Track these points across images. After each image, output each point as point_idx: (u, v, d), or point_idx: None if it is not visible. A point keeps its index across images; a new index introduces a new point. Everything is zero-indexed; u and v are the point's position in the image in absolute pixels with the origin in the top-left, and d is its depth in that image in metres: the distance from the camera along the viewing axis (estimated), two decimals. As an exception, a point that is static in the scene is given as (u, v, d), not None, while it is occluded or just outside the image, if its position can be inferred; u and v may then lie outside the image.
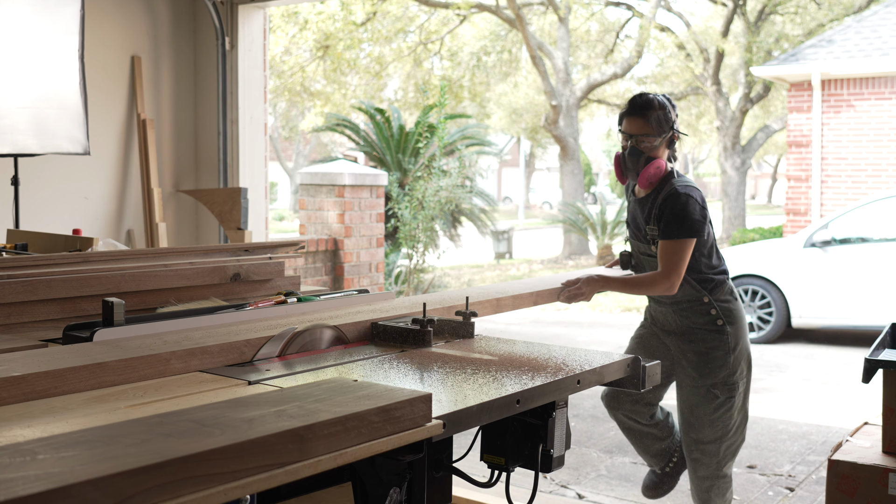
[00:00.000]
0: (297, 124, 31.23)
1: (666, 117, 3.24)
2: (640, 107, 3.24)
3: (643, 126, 3.22)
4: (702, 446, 3.34)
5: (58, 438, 1.36)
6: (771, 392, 6.96)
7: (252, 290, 2.98)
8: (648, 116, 3.22)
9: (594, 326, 10.69)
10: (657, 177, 3.22)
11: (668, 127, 3.25)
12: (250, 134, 6.28)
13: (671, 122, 3.26)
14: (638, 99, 3.28)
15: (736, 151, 20.00)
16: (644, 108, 3.23)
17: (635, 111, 3.25)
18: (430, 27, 20.87)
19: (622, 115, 3.32)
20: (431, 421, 1.63)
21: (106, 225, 5.78)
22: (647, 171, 3.21)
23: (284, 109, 29.16)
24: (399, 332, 2.40)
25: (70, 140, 4.60)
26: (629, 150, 3.26)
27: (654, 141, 3.22)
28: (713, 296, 3.29)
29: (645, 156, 3.23)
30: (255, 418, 1.46)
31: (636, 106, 3.25)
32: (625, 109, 3.31)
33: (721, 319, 3.30)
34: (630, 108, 3.28)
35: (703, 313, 3.30)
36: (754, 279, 9.32)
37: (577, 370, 2.11)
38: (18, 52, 4.52)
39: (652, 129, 3.22)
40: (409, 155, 11.30)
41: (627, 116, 3.28)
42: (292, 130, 32.81)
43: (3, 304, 2.37)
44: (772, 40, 19.57)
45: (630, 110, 3.27)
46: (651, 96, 3.27)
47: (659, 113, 3.22)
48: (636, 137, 3.23)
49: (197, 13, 6.27)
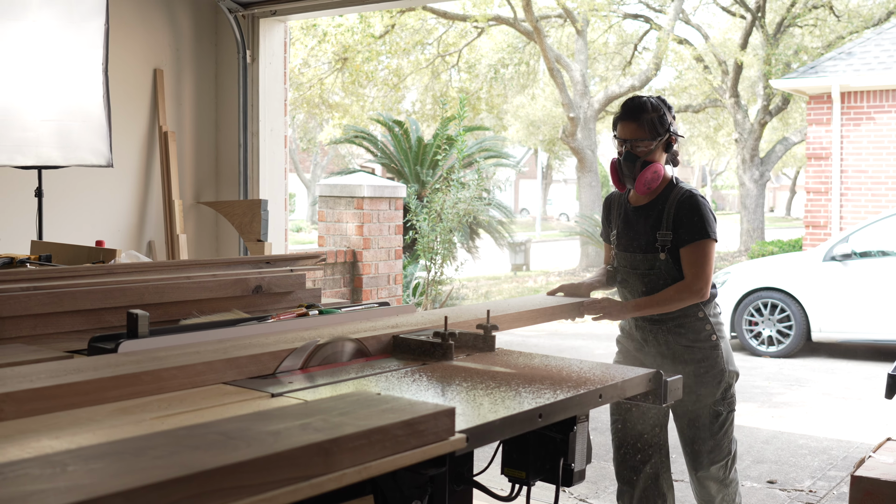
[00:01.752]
0: (314, 136, 31.37)
1: (660, 120, 3.12)
2: (632, 110, 3.13)
3: (636, 130, 3.11)
4: (712, 467, 3.22)
5: (87, 450, 1.38)
6: (791, 407, 6.91)
7: (273, 303, 3.00)
8: (641, 120, 3.10)
9: (612, 339, 10.64)
10: (656, 181, 3.10)
11: (663, 130, 3.13)
12: (270, 146, 6.33)
13: (666, 124, 3.14)
14: (630, 102, 3.17)
15: (754, 164, 19.92)
16: (637, 111, 3.12)
17: (628, 115, 3.13)
18: (447, 39, 20.93)
19: (615, 119, 3.20)
20: (455, 435, 1.63)
21: (127, 236, 5.82)
22: (643, 175, 3.08)
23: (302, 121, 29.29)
24: (421, 345, 2.40)
25: (93, 152, 4.65)
26: (624, 156, 3.13)
27: (649, 145, 3.11)
28: (707, 310, 3.17)
29: (641, 160, 3.10)
30: (280, 431, 1.47)
31: (628, 110, 3.14)
32: (618, 114, 3.20)
33: (715, 335, 3.18)
34: (623, 112, 3.16)
35: (698, 329, 3.16)
36: (774, 292, 9.27)
37: (599, 384, 2.11)
38: (44, 66, 4.58)
39: (646, 132, 3.10)
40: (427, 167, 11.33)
41: (621, 121, 3.16)
42: (310, 142, 32.95)
43: (30, 316, 2.39)
44: (791, 53, 19.51)
45: (623, 114, 3.15)
46: (644, 99, 3.16)
47: (652, 116, 3.11)
48: (630, 142, 3.12)
49: (218, 27, 6.33)
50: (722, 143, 29.08)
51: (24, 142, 4.55)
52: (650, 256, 3.14)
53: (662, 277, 3.12)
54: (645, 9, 21.48)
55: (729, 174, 45.80)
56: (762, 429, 6.16)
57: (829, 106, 12.74)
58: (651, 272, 3.15)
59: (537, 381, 2.12)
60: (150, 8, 5.93)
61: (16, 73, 4.53)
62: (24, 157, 4.58)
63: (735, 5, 20.86)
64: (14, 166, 4.67)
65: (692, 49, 20.57)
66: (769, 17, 19.80)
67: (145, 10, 5.90)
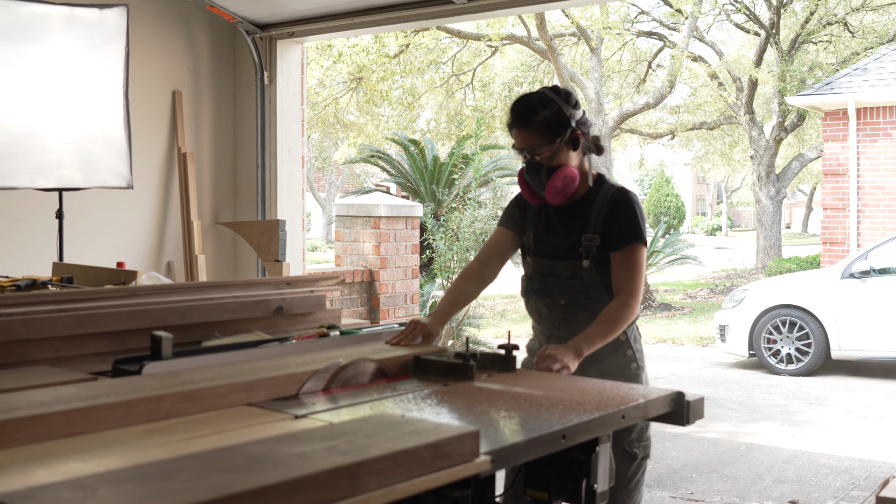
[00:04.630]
0: (329, 155, 31.50)
1: (556, 116, 2.68)
2: (520, 115, 2.71)
3: (529, 136, 2.69)
4: None
5: (116, 473, 1.39)
6: (811, 425, 6.86)
7: (294, 324, 3.01)
8: (533, 124, 2.68)
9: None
10: (570, 186, 2.70)
11: (562, 127, 2.69)
12: (288, 166, 6.36)
13: (565, 119, 2.69)
14: (517, 106, 2.74)
15: (770, 180, 19.86)
16: (524, 114, 2.70)
17: (517, 121, 2.72)
18: (462, 58, 21.01)
19: (508, 126, 2.77)
20: (480, 457, 1.63)
21: (146, 257, 5.86)
22: (552, 184, 2.68)
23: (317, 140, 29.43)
24: (442, 365, 2.41)
25: (114, 174, 4.70)
26: (526, 167, 2.74)
27: (549, 149, 2.69)
28: (629, 332, 2.77)
29: (545, 167, 2.70)
30: (306, 454, 1.47)
31: (517, 115, 2.72)
32: (508, 121, 2.76)
33: (636, 363, 2.77)
34: (511, 117, 2.74)
35: (620, 355, 2.75)
36: (792, 310, 9.22)
37: (622, 405, 2.10)
38: (65, 89, 4.63)
39: (542, 136, 2.68)
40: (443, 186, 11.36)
41: (512, 128, 2.74)
42: (325, 161, 33.10)
43: (55, 338, 2.41)
44: (805, 69, 19.48)
45: (512, 121, 2.74)
46: (533, 97, 2.73)
47: (545, 115, 2.68)
48: (528, 150, 2.71)
49: (236, 48, 6.39)
50: (737, 159, 29.01)
51: (46, 164, 4.60)
52: (572, 263, 2.76)
53: (585, 286, 2.74)
54: (659, 27, 21.53)
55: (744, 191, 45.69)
56: (782, 448, 6.11)
57: (844, 122, 12.71)
58: (573, 280, 2.76)
59: (559, 402, 2.11)
60: (170, 31, 6.00)
61: (38, 97, 4.59)
62: (46, 180, 4.63)
63: (749, 22, 20.87)
64: (36, 188, 4.72)
65: (706, 66, 20.57)
66: (783, 34, 19.79)
67: (164, 33, 5.97)
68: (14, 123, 4.50)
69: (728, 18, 21.81)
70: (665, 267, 15.61)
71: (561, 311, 2.80)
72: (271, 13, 6.07)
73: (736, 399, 7.89)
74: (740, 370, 9.53)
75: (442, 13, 5.60)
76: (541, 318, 2.88)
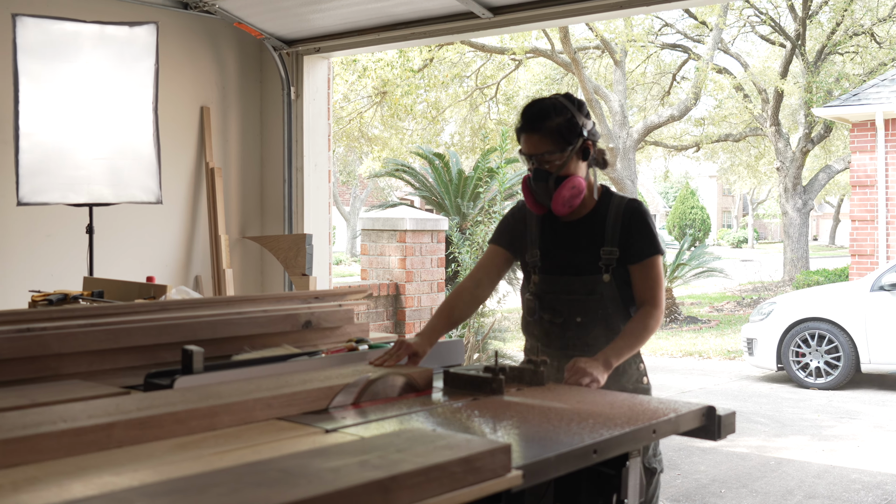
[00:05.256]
0: (354, 169, 31.63)
1: (569, 125, 2.63)
2: (532, 119, 2.65)
3: (541, 142, 2.64)
4: None
5: (151, 487, 1.40)
6: (842, 440, 6.78)
7: (322, 338, 3.02)
8: (545, 129, 2.63)
9: (654, 371, 10.55)
10: (577, 197, 2.65)
11: (574, 136, 2.64)
12: (314, 181, 6.40)
13: (577, 128, 2.65)
14: (529, 110, 2.68)
15: (797, 192, 19.71)
16: (538, 119, 2.64)
17: (529, 126, 2.65)
18: (485, 72, 21.07)
19: (517, 131, 2.71)
20: (511, 471, 1.63)
21: (175, 271, 5.91)
22: (560, 194, 2.62)
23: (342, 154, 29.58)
24: (471, 379, 2.40)
25: (143, 190, 4.74)
26: (534, 174, 2.67)
27: (560, 157, 2.64)
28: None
29: (554, 176, 2.64)
30: (339, 468, 1.48)
31: (528, 119, 2.66)
32: (518, 124, 2.70)
33: (646, 377, 2.76)
34: (523, 122, 2.68)
35: (628, 369, 2.71)
36: (821, 323, 9.13)
37: (653, 419, 2.09)
38: (96, 106, 4.70)
39: (553, 143, 2.63)
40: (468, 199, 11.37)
41: (523, 133, 2.68)
42: (349, 175, 33.24)
43: (88, 353, 2.44)
44: (832, 80, 19.35)
45: (523, 125, 2.67)
46: (547, 102, 2.68)
47: (558, 122, 2.63)
48: (537, 157, 2.65)
49: (263, 64, 6.44)
50: (763, 171, 28.83)
51: (77, 180, 4.66)
52: (591, 279, 2.68)
53: (604, 301, 2.68)
54: (683, 39, 21.48)
55: (770, 203, 45.37)
56: (813, 463, 6.04)
57: (872, 133, 12.60)
58: (591, 296, 2.69)
59: (590, 416, 2.10)
60: (198, 48, 6.06)
61: (69, 114, 4.65)
62: (77, 195, 4.69)
63: (774, 34, 20.78)
64: (67, 204, 4.77)
65: (732, 78, 20.49)
66: (809, 45, 19.67)
67: (193, 49, 6.03)
68: (46, 140, 4.57)
69: (753, 30, 21.73)
70: (691, 280, 15.51)
71: (577, 330, 2.71)
72: (298, 29, 6.12)
73: (764, 413, 7.82)
74: (768, 384, 9.44)
75: (467, 28, 5.63)
76: (549, 339, 2.76)
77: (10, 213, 5.07)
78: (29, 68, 4.49)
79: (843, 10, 18.53)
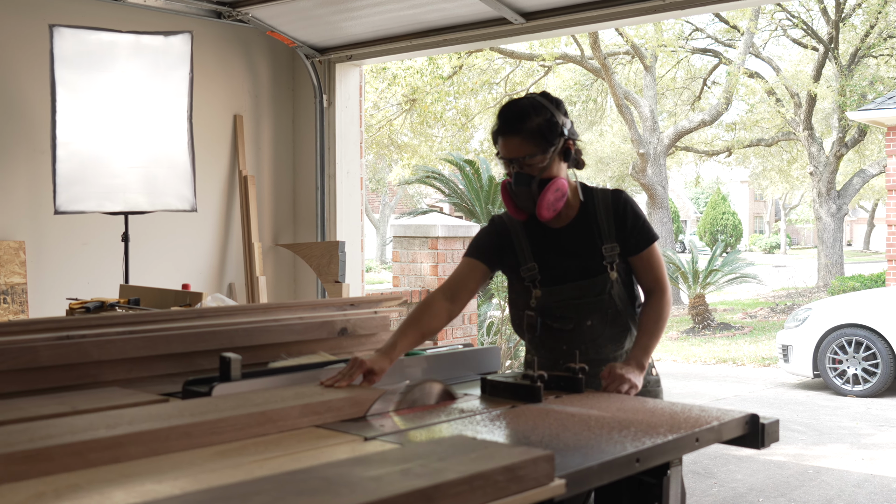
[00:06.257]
0: (383, 176, 31.72)
1: (550, 124, 2.53)
2: (511, 120, 2.54)
3: (522, 145, 2.52)
4: None
5: (195, 495, 1.39)
6: (881, 448, 6.66)
7: (358, 345, 3.01)
8: (525, 131, 2.52)
9: (688, 378, 10.45)
10: (561, 200, 2.56)
11: (555, 136, 2.54)
12: (347, 188, 6.41)
13: (558, 127, 2.54)
14: (508, 111, 2.56)
15: (831, 197, 19.47)
16: (517, 120, 2.53)
17: (508, 128, 2.54)
18: (515, 79, 21.05)
19: (494, 133, 2.59)
20: (554, 480, 1.61)
21: (209, 278, 5.94)
22: (544, 198, 2.52)
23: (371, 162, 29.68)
24: (509, 387, 2.38)
25: (178, 198, 4.77)
26: (515, 178, 2.56)
27: (542, 160, 2.53)
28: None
29: (537, 179, 2.54)
30: (381, 477, 1.46)
31: (507, 120, 2.54)
32: (495, 127, 2.58)
33: (654, 368, 2.71)
34: (501, 124, 2.55)
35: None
36: (858, 329, 8.99)
37: (696, 427, 2.06)
38: (132, 115, 4.74)
39: (535, 145, 2.52)
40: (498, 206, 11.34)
41: (501, 136, 2.56)
42: (379, 182, 33.33)
43: (126, 360, 2.45)
44: (866, 83, 19.10)
45: (502, 128, 2.55)
46: (524, 102, 2.56)
47: (538, 122, 2.52)
48: (519, 161, 2.54)
49: (296, 72, 6.47)
50: (796, 176, 28.49)
51: (113, 188, 4.70)
52: (600, 279, 2.61)
53: (614, 299, 2.63)
54: (714, 43, 21.32)
55: (803, 208, 44.85)
56: (852, 472, 5.94)
57: (909, 137, 12.41)
58: (601, 297, 2.62)
59: (631, 424, 2.08)
60: (231, 56, 6.10)
61: (105, 123, 4.70)
62: (113, 204, 4.73)
63: (807, 37, 20.57)
64: (103, 212, 4.82)
65: (763, 82, 20.29)
66: (842, 48, 19.45)
67: (226, 58, 6.07)
68: (83, 149, 4.61)
69: (785, 34, 21.53)
70: (724, 286, 15.35)
71: (589, 333, 2.64)
72: (330, 37, 6.14)
73: (801, 421, 7.71)
74: (804, 391, 9.31)
75: (499, 34, 5.61)
76: (561, 352, 2.66)
77: (47, 221, 5.13)
78: (66, 78, 4.53)
79: (878, 12, 18.30)
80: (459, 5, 5.35)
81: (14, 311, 4.86)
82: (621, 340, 2.68)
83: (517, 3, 5.27)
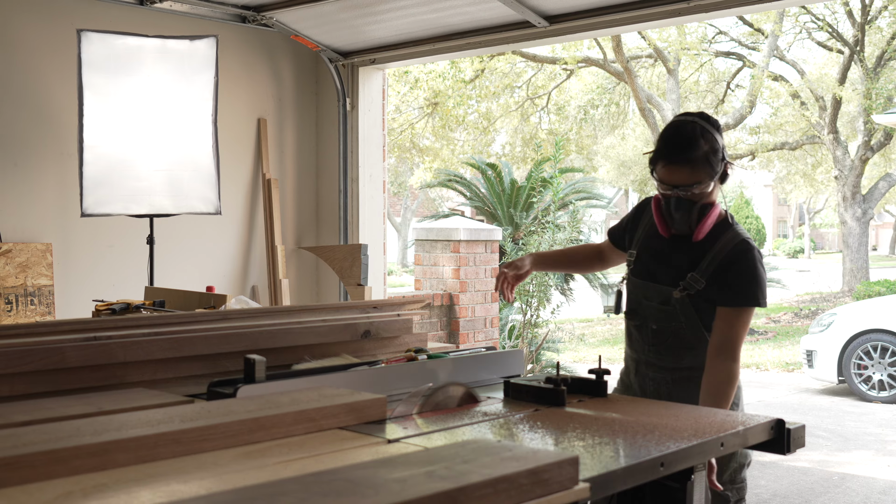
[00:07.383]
0: (405, 180, 31.78)
1: (714, 150, 2.52)
2: (681, 149, 2.51)
3: (691, 175, 2.51)
4: None
5: (220, 496, 1.40)
6: (908, 455, 6.60)
7: (381, 347, 3.02)
8: (695, 160, 2.50)
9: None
10: (712, 225, 2.62)
11: (719, 160, 2.54)
12: (369, 191, 6.43)
13: (721, 151, 2.54)
14: (677, 137, 2.53)
15: (856, 201, 19.30)
16: (687, 150, 2.50)
17: (676, 157, 2.52)
18: (537, 82, 21.03)
19: (654, 158, 2.57)
20: (579, 484, 1.61)
21: (232, 281, 5.98)
22: (704, 223, 2.57)
23: (392, 165, 29.75)
24: (533, 390, 2.38)
25: (203, 201, 4.81)
26: (675, 203, 2.56)
27: (707, 187, 2.54)
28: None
29: (698, 205, 2.56)
30: (406, 479, 1.46)
31: (677, 149, 2.52)
32: (660, 151, 2.56)
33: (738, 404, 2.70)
34: (669, 152, 2.54)
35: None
36: (883, 334, 8.91)
37: (720, 432, 2.05)
38: (158, 118, 4.78)
39: (702, 174, 2.51)
40: (520, 209, 11.34)
41: (668, 164, 2.53)
42: (400, 186, 33.39)
43: (152, 361, 2.47)
44: (892, 86, 18.92)
45: (669, 155, 2.53)
46: (692, 129, 2.52)
47: (706, 150, 2.51)
48: (683, 188, 2.53)
49: (319, 76, 6.50)
50: (820, 180, 28.25)
51: (138, 191, 4.74)
52: (664, 289, 2.67)
53: (677, 314, 2.67)
54: (737, 46, 21.19)
55: (827, 212, 44.47)
56: (878, 479, 5.88)
57: (936, 140, 12.30)
58: (664, 307, 2.68)
59: (655, 429, 2.07)
60: (255, 60, 6.14)
61: (131, 126, 4.74)
62: (138, 206, 4.77)
63: (832, 40, 20.40)
64: (128, 215, 4.86)
65: (788, 85, 20.16)
66: (868, 51, 19.27)
67: (250, 62, 6.11)
68: (109, 152, 4.66)
69: (809, 36, 21.37)
70: (747, 290, 15.23)
71: (652, 336, 2.74)
72: (353, 41, 6.16)
73: (826, 427, 7.64)
74: (829, 397, 9.22)
75: (523, 37, 5.61)
76: (632, 341, 2.85)
77: (74, 224, 5.18)
78: (93, 82, 4.58)
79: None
80: (482, 9, 5.36)
81: (41, 313, 4.91)
82: (682, 356, 2.70)
83: (540, 6, 5.26)
